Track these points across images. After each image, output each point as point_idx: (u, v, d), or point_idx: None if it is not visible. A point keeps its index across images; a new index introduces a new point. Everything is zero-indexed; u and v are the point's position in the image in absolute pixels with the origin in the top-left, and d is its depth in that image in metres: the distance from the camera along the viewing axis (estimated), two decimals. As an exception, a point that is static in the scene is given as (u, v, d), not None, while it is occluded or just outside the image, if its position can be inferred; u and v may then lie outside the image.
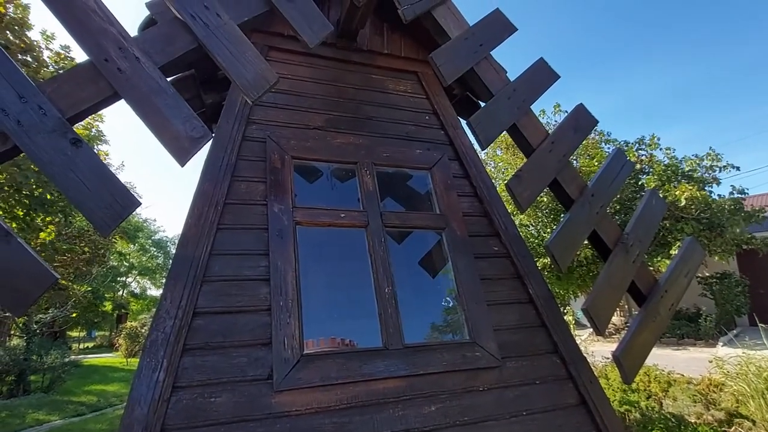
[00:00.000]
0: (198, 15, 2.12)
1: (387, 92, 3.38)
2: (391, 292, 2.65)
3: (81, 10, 2.01)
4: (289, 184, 2.76)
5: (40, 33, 8.39)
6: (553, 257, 2.49)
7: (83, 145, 1.96)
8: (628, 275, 2.76)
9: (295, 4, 2.27)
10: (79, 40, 2.04)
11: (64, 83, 2.02)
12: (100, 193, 1.89)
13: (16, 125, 1.88)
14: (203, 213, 2.47)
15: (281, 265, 2.47)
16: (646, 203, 2.95)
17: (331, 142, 3.01)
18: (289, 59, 3.19)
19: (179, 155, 2.06)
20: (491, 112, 2.53)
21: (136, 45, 2.08)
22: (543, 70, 2.78)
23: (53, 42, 8.38)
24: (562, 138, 2.73)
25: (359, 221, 2.81)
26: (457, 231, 2.99)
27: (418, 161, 3.15)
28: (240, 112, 2.84)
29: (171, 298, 2.20)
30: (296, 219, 2.66)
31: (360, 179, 2.95)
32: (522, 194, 2.53)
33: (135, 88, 2.03)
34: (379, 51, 3.43)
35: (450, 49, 2.51)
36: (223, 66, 2.11)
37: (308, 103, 3.10)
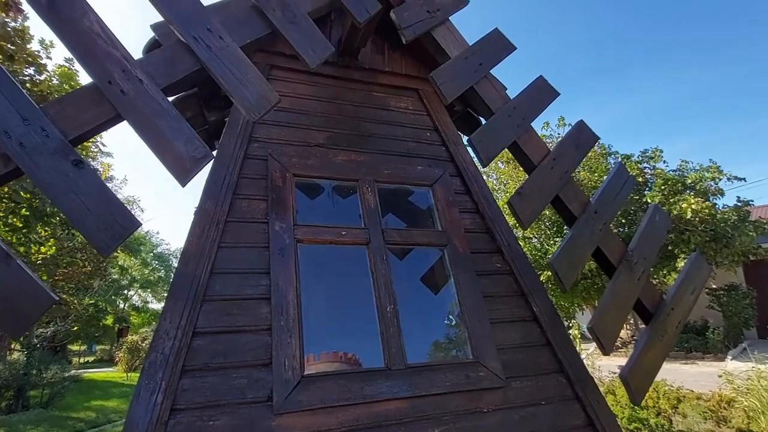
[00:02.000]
0: (201, 37, 2.14)
1: (388, 109, 3.40)
2: (393, 311, 2.63)
3: (86, 34, 2.03)
4: (290, 202, 2.76)
5: (39, 42, 8.42)
6: (557, 275, 2.46)
7: (85, 166, 1.97)
8: (634, 293, 2.72)
9: (297, 26, 2.30)
10: (83, 63, 2.06)
11: (67, 105, 2.04)
12: (101, 214, 1.89)
13: (18, 147, 1.89)
14: (204, 231, 2.47)
15: (282, 284, 2.46)
16: (650, 219, 2.93)
17: (333, 160, 3.01)
18: (291, 77, 3.22)
19: (180, 176, 2.07)
20: (492, 130, 2.54)
21: (139, 67, 2.11)
22: (543, 88, 2.79)
23: (52, 50, 8.43)
24: (563, 155, 2.73)
25: (361, 238, 2.80)
26: (458, 248, 2.97)
27: (420, 178, 3.15)
28: (242, 131, 2.85)
29: (170, 317, 2.18)
30: (297, 237, 2.66)
31: (361, 196, 2.95)
32: (524, 211, 2.52)
33: (137, 110, 2.04)
34: (380, 69, 3.46)
35: (450, 69, 2.53)
36: (225, 87, 2.13)
37: (310, 120, 3.12)
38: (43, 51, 8.00)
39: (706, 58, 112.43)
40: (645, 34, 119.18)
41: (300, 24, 2.31)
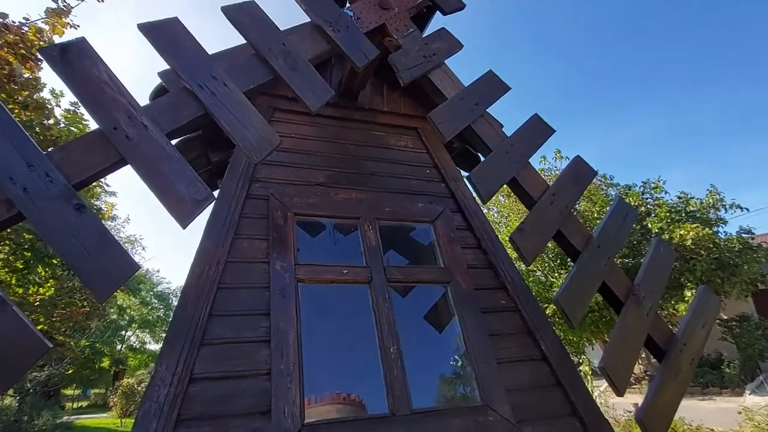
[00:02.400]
0: (205, 84, 2.21)
1: (388, 148, 3.46)
2: (396, 352, 2.55)
3: (94, 83, 2.11)
4: (291, 241, 2.75)
5: (50, 91, 8.78)
6: (564, 312, 2.40)
7: (86, 210, 1.98)
8: (644, 329, 2.64)
9: (299, 72, 2.38)
10: (90, 110, 2.12)
11: (72, 151, 2.08)
12: (100, 259, 1.88)
13: (22, 192, 1.91)
14: (204, 272, 2.45)
15: (283, 325, 2.40)
16: (654, 252, 2.90)
17: (334, 198, 3.03)
18: (293, 119, 3.30)
19: (181, 217, 2.07)
20: (490, 167, 2.57)
21: (144, 113, 2.16)
22: (538, 125, 2.85)
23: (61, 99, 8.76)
24: (562, 190, 2.74)
25: (362, 277, 2.77)
26: (462, 284, 2.92)
27: (421, 214, 3.16)
28: (244, 171, 2.89)
29: (167, 363, 2.12)
30: (298, 276, 2.63)
31: (362, 234, 2.94)
32: (526, 247, 2.50)
33: (141, 154, 2.08)
34: (379, 109, 3.56)
35: (447, 109, 2.59)
36: (228, 131, 2.18)
37: (311, 160, 3.17)
38: (53, 99, 8.30)
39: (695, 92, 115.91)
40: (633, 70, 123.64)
41: (301, 70, 2.39)
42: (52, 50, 2.16)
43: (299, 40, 2.59)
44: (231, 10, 2.47)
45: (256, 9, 2.54)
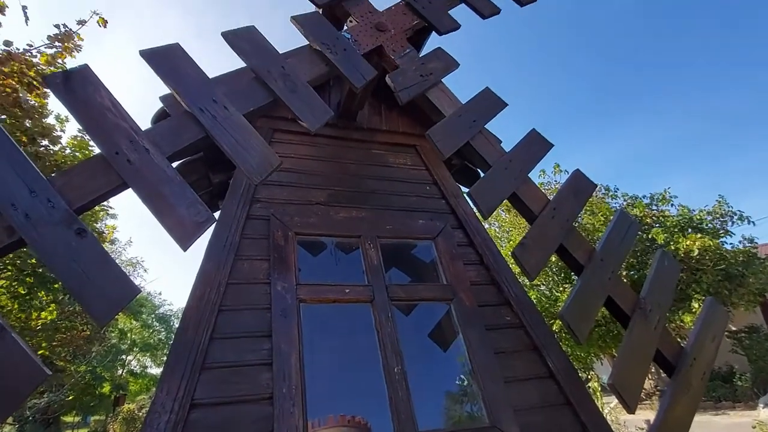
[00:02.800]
0: (206, 108, 2.24)
1: (387, 166, 3.48)
2: (401, 372, 2.50)
3: (97, 109, 2.14)
4: (292, 261, 2.74)
5: (55, 117, 8.94)
6: (570, 328, 2.37)
7: (87, 235, 1.98)
8: (652, 344, 2.60)
9: (298, 94, 2.41)
10: (93, 135, 2.15)
11: (75, 176, 2.09)
12: (100, 284, 1.87)
13: (23, 218, 1.92)
14: (205, 294, 2.43)
15: (285, 347, 2.37)
16: (658, 265, 2.87)
17: (334, 217, 3.03)
18: (293, 139, 3.33)
19: (182, 240, 2.07)
20: (490, 183, 2.57)
21: (146, 137, 2.19)
22: (537, 140, 2.86)
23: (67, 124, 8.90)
24: (562, 203, 2.74)
25: (365, 296, 2.74)
26: (465, 301, 2.89)
27: (422, 231, 3.15)
28: (245, 192, 2.90)
29: (167, 389, 2.08)
30: (300, 297, 2.61)
31: (364, 253, 2.93)
32: (529, 262, 2.48)
33: (142, 178, 2.09)
34: (378, 128, 3.59)
35: (445, 126, 2.62)
36: (228, 153, 2.20)
37: (311, 179, 3.19)
38: (58, 125, 8.45)
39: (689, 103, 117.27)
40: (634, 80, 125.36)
41: (300, 92, 2.42)
42: (56, 77, 2.19)
43: (298, 62, 2.63)
44: (231, 35, 2.52)
45: (256, 34, 2.60)
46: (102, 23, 6.92)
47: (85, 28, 7.03)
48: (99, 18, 6.91)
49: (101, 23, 6.94)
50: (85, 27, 6.95)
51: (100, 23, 6.92)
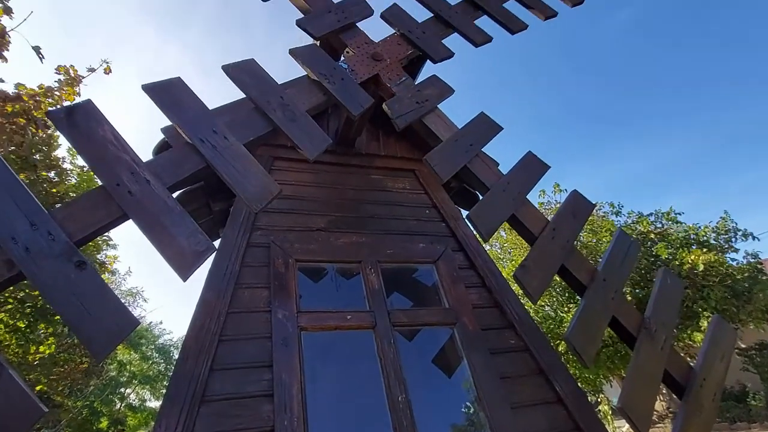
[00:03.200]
0: (207, 139, 2.28)
1: (386, 190, 3.50)
2: (405, 401, 2.45)
3: (99, 142, 2.18)
4: (293, 288, 2.72)
5: (67, 150, 9.14)
6: (576, 351, 2.33)
7: (87, 267, 1.98)
8: (660, 364, 2.55)
9: (297, 123, 2.47)
10: (94, 168, 2.18)
11: (76, 208, 2.11)
12: (98, 317, 1.85)
13: (24, 252, 1.92)
14: (205, 324, 2.40)
15: (286, 377, 2.33)
16: (661, 284, 2.85)
17: (335, 243, 3.03)
18: (292, 167, 3.37)
19: (182, 270, 2.06)
20: (489, 205, 2.58)
21: (147, 169, 2.21)
22: (533, 162, 2.90)
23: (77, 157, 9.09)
24: (562, 224, 2.74)
25: (366, 322, 2.71)
26: (468, 325, 2.86)
27: (422, 255, 3.14)
28: (245, 220, 2.92)
29: (166, 424, 2.03)
30: (301, 325, 2.58)
31: (365, 278, 2.91)
32: (531, 284, 2.46)
33: (143, 209, 2.11)
34: (376, 153, 3.64)
35: (443, 151, 2.65)
36: (228, 182, 2.22)
37: (311, 206, 3.21)
38: (69, 156, 8.63)
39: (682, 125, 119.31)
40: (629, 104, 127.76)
41: (299, 121, 2.48)
42: (59, 112, 2.24)
43: (297, 92, 2.70)
44: (231, 68, 2.60)
45: (255, 66, 2.67)
46: (108, 70, 7.43)
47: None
48: (106, 66, 7.41)
49: (107, 71, 7.45)
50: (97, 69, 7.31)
51: (106, 71, 7.43)
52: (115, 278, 20.76)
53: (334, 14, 3.08)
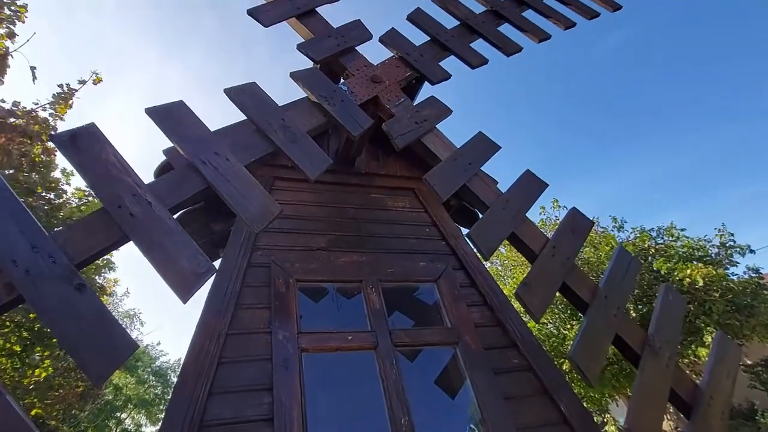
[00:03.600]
0: (209, 161, 2.31)
1: (386, 209, 3.52)
2: (408, 423, 2.40)
3: (102, 165, 2.20)
4: (294, 309, 2.70)
5: (61, 172, 9.18)
6: (580, 370, 2.30)
7: (87, 290, 1.97)
8: (665, 383, 2.51)
9: (298, 144, 2.50)
10: (96, 190, 2.19)
11: (76, 231, 2.11)
12: (98, 341, 1.83)
13: (24, 275, 1.91)
14: (204, 347, 2.37)
15: (286, 400, 2.29)
16: (663, 300, 2.84)
17: (335, 262, 3.03)
18: (293, 186, 3.40)
19: (182, 292, 2.05)
20: (489, 224, 2.59)
21: (149, 190, 2.23)
22: (531, 181, 2.92)
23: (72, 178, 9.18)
24: (562, 241, 2.75)
25: (368, 343, 2.68)
26: (471, 344, 2.83)
27: (423, 274, 3.14)
28: (246, 240, 2.92)
29: (163, 452, 1.98)
30: (302, 346, 2.55)
31: (366, 297, 2.90)
32: (533, 302, 2.45)
33: (144, 231, 2.11)
34: (376, 173, 3.68)
35: (442, 170, 2.68)
36: (230, 203, 2.24)
37: (312, 225, 3.21)
38: (64, 178, 8.67)
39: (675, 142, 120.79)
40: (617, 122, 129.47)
41: (300, 142, 2.51)
42: (63, 136, 2.26)
43: (297, 114, 2.74)
44: (233, 91, 2.65)
45: (256, 89, 2.72)
46: (97, 81, 7.59)
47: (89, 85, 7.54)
48: (96, 77, 7.58)
49: (96, 81, 7.61)
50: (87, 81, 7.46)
51: (96, 82, 7.60)
52: (112, 300, 20.57)
53: (333, 38, 3.16)
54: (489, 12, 3.93)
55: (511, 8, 3.99)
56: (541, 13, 4.10)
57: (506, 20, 3.92)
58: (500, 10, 3.92)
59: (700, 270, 10.69)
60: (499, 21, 3.91)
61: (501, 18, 3.92)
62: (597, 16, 4.23)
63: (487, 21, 3.83)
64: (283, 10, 3.14)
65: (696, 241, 12.23)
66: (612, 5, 4.27)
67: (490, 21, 3.85)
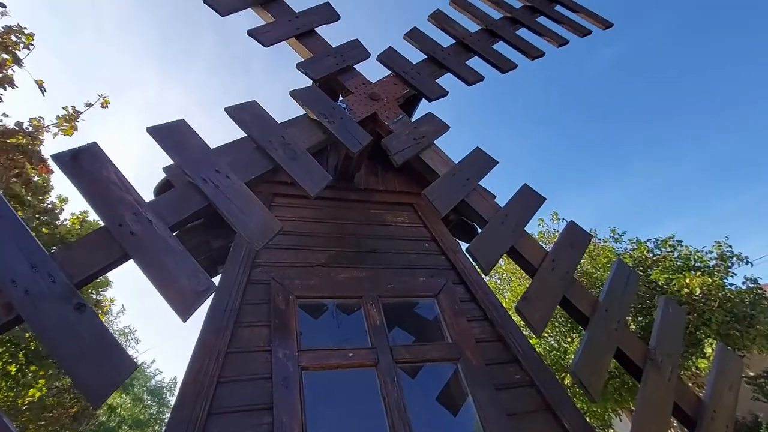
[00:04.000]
0: (209, 178, 2.33)
1: (386, 225, 3.53)
2: (410, 442, 2.36)
3: (103, 184, 2.21)
4: (294, 326, 2.69)
5: (57, 197, 9.22)
6: (582, 384, 2.29)
7: (87, 310, 1.96)
8: (668, 396, 2.50)
9: (298, 161, 2.53)
10: (97, 208, 2.20)
11: (77, 249, 2.11)
12: (97, 361, 1.82)
13: (23, 295, 1.91)
14: (203, 366, 2.35)
15: (286, 420, 2.26)
16: (663, 313, 2.84)
17: (335, 278, 3.03)
18: (292, 203, 3.41)
19: (182, 311, 2.04)
20: (488, 238, 2.61)
21: (150, 209, 2.24)
22: (529, 195, 2.95)
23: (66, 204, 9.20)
24: (561, 255, 2.76)
25: (369, 360, 2.66)
26: (472, 360, 2.81)
27: (423, 289, 3.13)
28: (245, 257, 2.92)
29: (162, 474, 1.95)
30: (302, 364, 2.53)
31: (366, 313, 2.89)
32: (533, 317, 2.45)
33: (145, 249, 2.12)
34: (375, 188, 3.70)
35: (441, 186, 2.71)
36: (230, 221, 2.25)
37: (311, 241, 3.22)
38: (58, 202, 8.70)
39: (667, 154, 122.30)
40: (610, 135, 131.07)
41: (300, 159, 2.54)
42: (64, 155, 2.28)
43: (297, 131, 2.78)
44: (234, 110, 2.68)
45: (257, 107, 2.76)
46: (105, 104, 7.58)
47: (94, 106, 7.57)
48: (104, 99, 7.57)
49: (105, 104, 7.60)
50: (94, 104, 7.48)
51: (103, 105, 7.59)
52: (108, 317, 20.34)
53: (332, 57, 3.22)
54: (484, 31, 4.03)
55: (505, 27, 4.09)
56: (534, 32, 4.19)
57: (501, 38, 4.01)
58: (495, 29, 4.01)
59: (696, 279, 10.69)
60: (493, 39, 4.00)
61: (495, 36, 4.01)
62: (589, 33, 4.33)
63: (482, 39, 3.92)
64: (282, 31, 3.21)
65: (694, 252, 12.25)
66: (603, 23, 4.38)
67: (485, 39, 3.94)
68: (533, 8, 4.35)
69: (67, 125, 7.21)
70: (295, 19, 3.33)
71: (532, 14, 4.31)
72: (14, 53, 6.29)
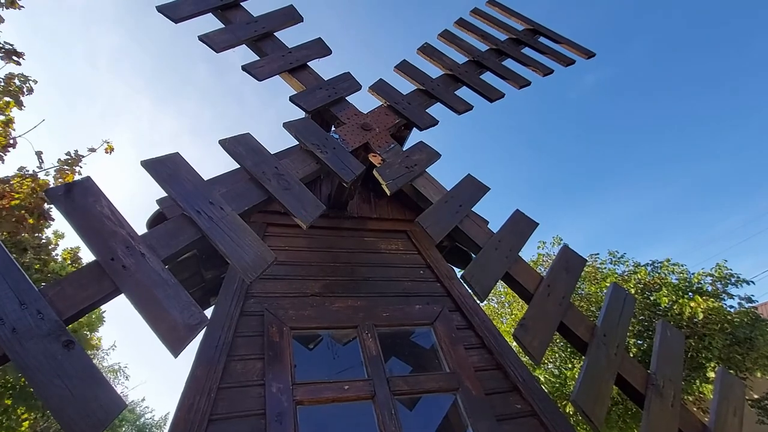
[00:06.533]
0: (203, 210, 2.33)
1: (380, 252, 3.53)
2: (409, 479, 2.27)
3: (96, 218, 2.20)
4: (288, 358, 2.63)
5: (53, 233, 9.14)
6: (584, 414, 2.24)
7: (75, 347, 1.91)
8: (672, 423, 2.45)
9: (291, 191, 2.55)
10: (89, 242, 2.18)
11: (67, 285, 2.08)
12: (84, 401, 1.76)
13: (10, 333, 1.86)
14: (194, 403, 2.27)
15: (280, 459, 2.17)
16: (662, 338, 2.82)
17: (330, 308, 2.99)
18: (286, 232, 3.41)
19: (174, 346, 2.00)
20: (483, 265, 2.61)
21: (143, 242, 2.23)
22: (522, 220, 2.98)
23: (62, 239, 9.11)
24: (556, 280, 2.76)
25: (365, 392, 2.59)
26: (472, 390, 2.74)
27: (419, 317, 3.09)
28: (238, 288, 2.88)
29: None
30: (296, 398, 2.45)
31: (362, 343, 2.83)
32: (532, 344, 2.42)
33: (137, 283, 2.09)
34: (368, 216, 3.72)
35: (434, 213, 2.73)
36: (224, 253, 2.23)
37: (305, 271, 3.20)
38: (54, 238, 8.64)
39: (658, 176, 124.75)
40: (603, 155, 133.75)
41: (293, 190, 2.56)
42: (58, 191, 2.28)
43: (291, 162, 2.81)
44: (228, 142, 2.72)
45: (250, 139, 2.80)
46: (109, 150, 7.66)
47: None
48: (108, 145, 7.67)
49: (109, 150, 7.68)
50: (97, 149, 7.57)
51: (107, 150, 7.67)
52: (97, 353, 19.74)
53: (324, 90, 3.31)
54: (471, 62, 4.17)
55: (492, 58, 4.24)
56: (520, 62, 4.35)
57: (488, 69, 4.15)
58: (482, 60, 4.16)
59: (701, 303, 10.67)
60: (481, 70, 4.14)
61: (483, 67, 4.15)
62: (572, 63, 4.50)
63: (469, 70, 4.05)
64: (276, 65, 3.30)
65: (692, 275, 12.30)
66: (585, 53, 4.56)
67: (472, 70, 4.08)
68: (518, 40, 4.53)
69: (68, 170, 7.24)
70: (288, 54, 3.43)
71: (517, 46, 4.48)
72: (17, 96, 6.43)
